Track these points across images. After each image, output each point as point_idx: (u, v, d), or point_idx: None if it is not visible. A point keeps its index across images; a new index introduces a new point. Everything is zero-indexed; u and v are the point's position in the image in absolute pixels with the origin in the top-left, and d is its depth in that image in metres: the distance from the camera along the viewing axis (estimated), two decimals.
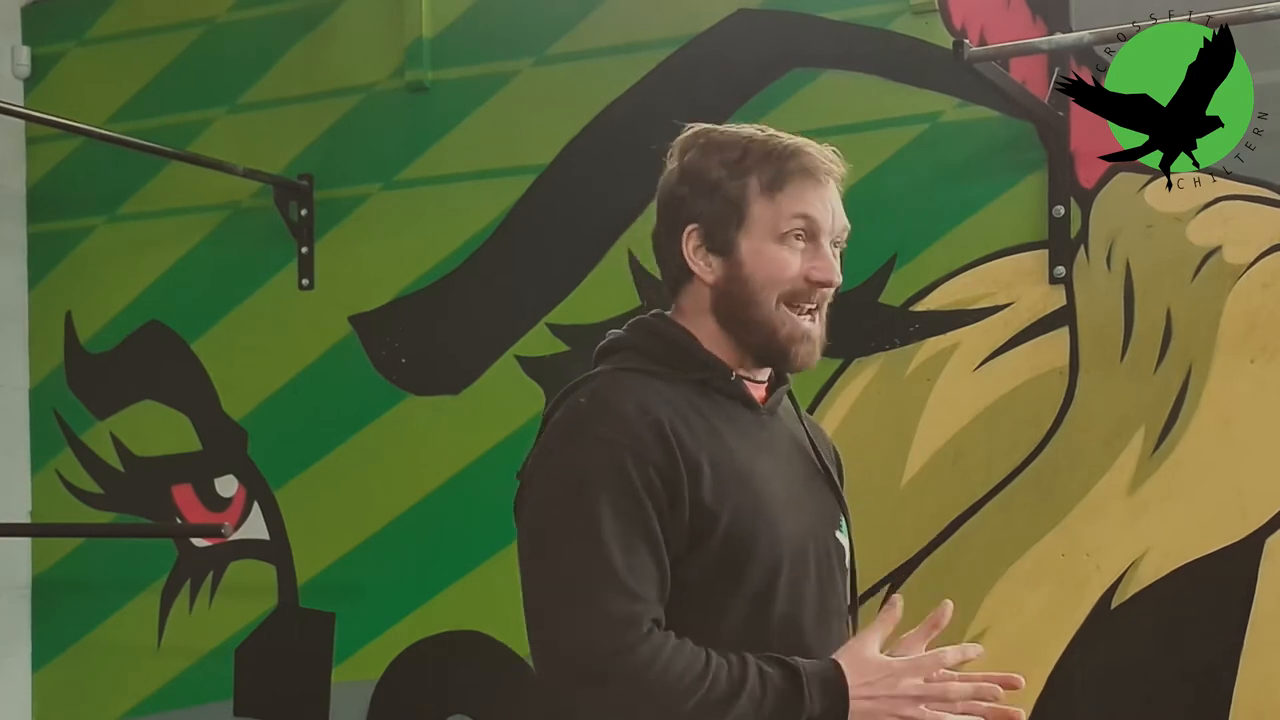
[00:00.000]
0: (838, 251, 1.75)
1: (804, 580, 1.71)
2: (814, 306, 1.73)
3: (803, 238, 1.71)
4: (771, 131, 1.75)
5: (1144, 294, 2.94)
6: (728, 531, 1.64)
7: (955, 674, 1.67)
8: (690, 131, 1.77)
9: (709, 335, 1.75)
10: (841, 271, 1.74)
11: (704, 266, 1.73)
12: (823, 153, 1.73)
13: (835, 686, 1.61)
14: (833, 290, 1.74)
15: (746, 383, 1.76)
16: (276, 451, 3.78)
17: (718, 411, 1.71)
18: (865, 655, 1.65)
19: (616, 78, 3.39)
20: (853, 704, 1.61)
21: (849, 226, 1.76)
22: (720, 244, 1.72)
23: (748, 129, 1.76)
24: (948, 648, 1.68)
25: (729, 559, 1.64)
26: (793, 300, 1.71)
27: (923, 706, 1.63)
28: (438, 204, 3.59)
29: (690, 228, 1.73)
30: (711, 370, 1.73)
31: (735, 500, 1.65)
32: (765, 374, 1.80)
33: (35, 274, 4.08)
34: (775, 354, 1.74)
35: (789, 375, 1.84)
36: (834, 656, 1.65)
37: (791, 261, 1.70)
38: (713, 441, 1.67)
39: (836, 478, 1.87)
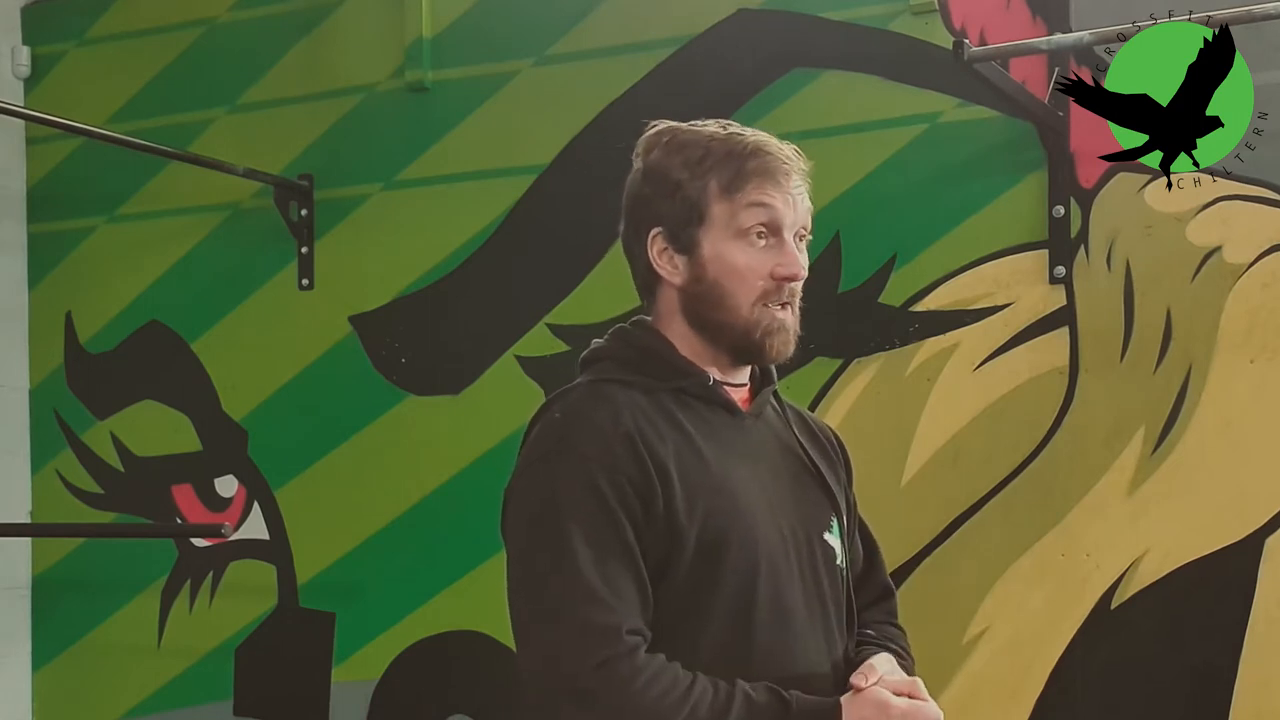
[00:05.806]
0: (803, 245, 1.76)
1: (788, 585, 1.70)
2: (786, 300, 1.74)
3: (764, 235, 1.71)
4: (735, 129, 1.75)
5: (1144, 294, 2.94)
6: (699, 539, 1.64)
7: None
8: (654, 130, 1.78)
9: (683, 337, 1.76)
10: (809, 264, 1.75)
11: (670, 269, 1.74)
12: (782, 150, 1.74)
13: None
14: (800, 282, 1.74)
15: (725, 388, 1.76)
16: (276, 451, 3.78)
17: (695, 419, 1.71)
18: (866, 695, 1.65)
19: (616, 78, 3.39)
20: None
21: (811, 208, 1.76)
22: (684, 243, 1.73)
23: (711, 126, 1.76)
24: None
25: (703, 567, 1.64)
26: (764, 300, 1.72)
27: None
28: (438, 204, 3.59)
29: (654, 232, 1.74)
30: (689, 378, 1.74)
31: (707, 508, 1.64)
32: (744, 376, 1.80)
33: (35, 274, 4.08)
34: (751, 350, 1.75)
35: (774, 377, 1.84)
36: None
37: (755, 261, 1.71)
38: (686, 450, 1.67)
39: (842, 473, 1.87)
